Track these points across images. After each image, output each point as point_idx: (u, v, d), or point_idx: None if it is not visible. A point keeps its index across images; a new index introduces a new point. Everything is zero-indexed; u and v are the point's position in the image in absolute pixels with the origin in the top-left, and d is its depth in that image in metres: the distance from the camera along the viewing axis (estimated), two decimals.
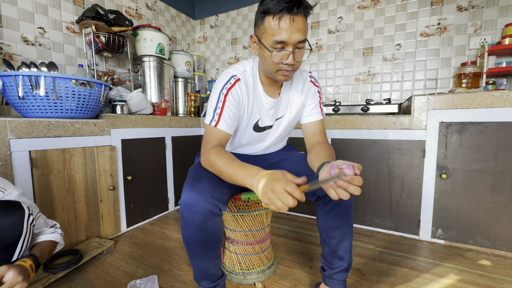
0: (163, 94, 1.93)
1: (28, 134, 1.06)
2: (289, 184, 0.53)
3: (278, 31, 0.67)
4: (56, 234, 0.90)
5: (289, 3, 0.64)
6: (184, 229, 0.70)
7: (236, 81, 0.78)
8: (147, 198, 1.64)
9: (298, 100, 0.89)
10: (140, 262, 1.17)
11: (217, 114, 0.76)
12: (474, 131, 1.22)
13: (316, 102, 0.90)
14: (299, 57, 0.72)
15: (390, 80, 1.93)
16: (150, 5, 2.20)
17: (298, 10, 0.65)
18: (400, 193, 1.41)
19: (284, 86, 0.87)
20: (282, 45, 0.68)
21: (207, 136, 0.77)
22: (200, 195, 0.65)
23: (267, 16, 0.67)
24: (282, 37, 0.67)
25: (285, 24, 0.66)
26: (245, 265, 1.03)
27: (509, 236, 1.20)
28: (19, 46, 1.40)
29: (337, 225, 0.80)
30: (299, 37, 0.67)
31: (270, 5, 0.66)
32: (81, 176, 1.24)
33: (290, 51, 0.69)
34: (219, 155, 0.70)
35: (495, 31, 1.61)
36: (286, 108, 0.90)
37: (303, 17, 0.68)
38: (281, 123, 0.92)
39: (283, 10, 0.64)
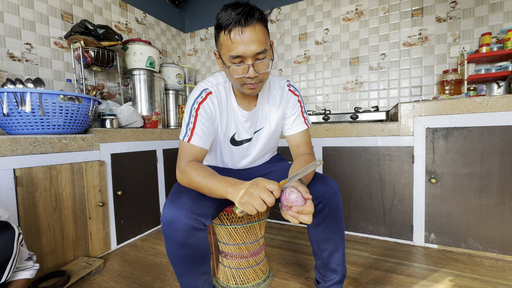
0: (154, 106, 1.92)
1: (13, 151, 1.03)
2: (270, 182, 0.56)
3: (232, 46, 0.64)
4: (32, 271, 0.85)
5: (238, 15, 0.61)
6: (167, 247, 0.68)
7: (207, 95, 0.76)
8: (138, 213, 1.60)
9: (277, 111, 0.86)
10: (131, 281, 1.13)
11: (189, 129, 0.75)
12: (459, 136, 1.26)
13: (298, 112, 0.86)
14: (261, 68, 0.68)
15: (377, 88, 1.99)
16: (140, 19, 2.22)
17: (251, 20, 0.62)
18: (392, 199, 1.42)
19: (261, 98, 0.84)
20: (240, 59, 0.65)
21: (181, 152, 0.75)
22: (179, 211, 0.63)
23: (221, 31, 0.65)
24: (237, 51, 0.64)
25: (238, 37, 0.62)
26: (240, 280, 1.00)
27: (499, 238, 1.22)
28: (5, 62, 1.38)
29: (328, 237, 0.79)
30: (256, 49, 0.64)
31: (222, 19, 0.63)
32: (68, 193, 1.21)
33: (249, 64, 0.66)
34: (195, 170, 0.68)
35: (473, 40, 1.69)
36: (264, 120, 0.87)
37: (260, 25, 0.64)
38: (261, 136, 0.89)
39: (234, 23, 0.61)
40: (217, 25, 0.66)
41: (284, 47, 2.28)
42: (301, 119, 0.86)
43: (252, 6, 0.64)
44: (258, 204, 0.54)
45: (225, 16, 0.63)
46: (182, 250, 0.66)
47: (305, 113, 0.88)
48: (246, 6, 0.63)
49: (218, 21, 0.65)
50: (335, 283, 0.82)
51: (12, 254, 0.72)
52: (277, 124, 0.88)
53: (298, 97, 0.87)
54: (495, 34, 1.63)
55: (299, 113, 0.86)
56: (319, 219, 0.77)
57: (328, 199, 0.75)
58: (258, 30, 0.63)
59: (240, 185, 0.59)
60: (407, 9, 1.84)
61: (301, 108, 0.87)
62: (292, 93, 0.86)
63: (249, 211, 0.55)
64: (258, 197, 0.54)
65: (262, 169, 0.95)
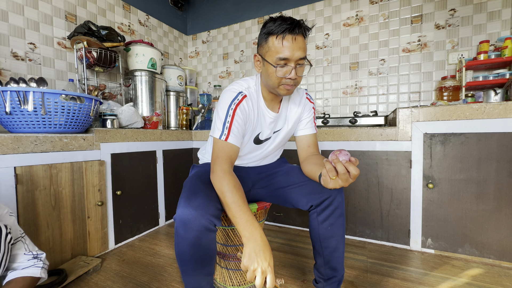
0: (155, 107, 1.93)
1: (14, 149, 1.04)
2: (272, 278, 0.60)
3: (281, 49, 0.73)
4: (33, 269, 0.81)
5: (290, 25, 0.72)
6: (178, 245, 0.69)
7: (243, 98, 0.82)
8: (136, 213, 1.61)
9: (295, 114, 0.94)
10: (128, 280, 1.13)
11: (226, 128, 0.79)
12: (456, 142, 1.27)
13: (311, 117, 0.96)
14: (300, 72, 0.78)
15: (376, 93, 2.00)
16: (143, 21, 2.25)
17: (299, 30, 0.73)
18: (390, 203, 1.43)
19: (283, 101, 0.93)
20: (285, 61, 0.74)
21: (218, 151, 0.79)
22: (196, 211, 0.65)
23: (271, 37, 0.74)
24: (285, 54, 0.73)
25: (287, 42, 0.73)
26: (237, 281, 1.01)
27: (495, 244, 1.22)
28: (8, 61, 1.39)
29: (330, 234, 0.82)
30: (300, 54, 0.74)
31: (273, 27, 0.74)
32: (68, 192, 1.22)
33: (292, 66, 0.75)
34: (233, 189, 0.71)
35: (471, 47, 1.71)
36: (284, 121, 0.94)
37: (302, 37, 0.75)
38: (279, 135, 0.96)
39: (286, 31, 0.72)
40: (268, 32, 0.75)
41: None
42: (312, 124, 0.96)
43: (299, 20, 0.75)
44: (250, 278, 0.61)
45: (276, 25, 0.73)
46: (193, 249, 0.68)
47: (315, 120, 0.99)
48: (293, 20, 0.74)
49: (269, 28, 0.75)
50: (334, 282, 0.85)
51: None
52: (293, 126, 0.96)
53: (313, 105, 0.98)
54: (493, 42, 1.65)
55: (311, 118, 0.96)
56: (324, 215, 0.82)
57: (334, 197, 0.81)
58: (302, 40, 0.75)
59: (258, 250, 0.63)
60: (407, 16, 1.87)
61: (314, 114, 0.98)
62: (309, 100, 0.97)
63: (248, 278, 0.62)
64: (255, 276, 0.61)
65: (270, 169, 1.02)
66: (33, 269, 0.81)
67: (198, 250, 0.68)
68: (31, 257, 0.83)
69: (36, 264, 0.83)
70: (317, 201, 0.81)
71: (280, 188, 0.92)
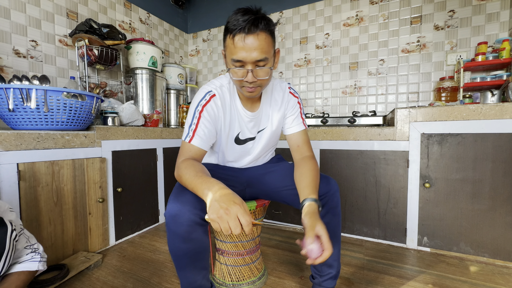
0: (155, 105, 1.95)
1: (17, 146, 1.05)
2: (245, 216, 0.55)
3: (235, 50, 0.67)
4: (31, 263, 0.84)
5: (244, 22, 0.64)
6: (169, 241, 0.70)
7: (211, 97, 0.79)
8: (137, 210, 1.62)
9: (279, 112, 0.90)
10: (129, 276, 1.15)
11: (191, 130, 0.78)
12: (453, 142, 1.29)
13: (297, 113, 0.91)
14: (261, 75, 0.71)
15: (375, 93, 2.02)
16: (144, 19, 2.25)
17: (254, 29, 0.64)
18: (387, 202, 1.45)
19: (264, 99, 0.88)
20: (241, 63, 0.68)
21: (181, 151, 0.79)
22: (183, 206, 0.66)
23: (228, 34, 0.68)
24: (239, 56, 0.67)
25: (240, 43, 0.65)
26: (235, 277, 1.03)
27: (490, 243, 1.25)
28: (10, 58, 1.40)
29: None
30: (257, 56, 0.66)
31: (230, 23, 0.67)
32: (69, 189, 1.23)
33: (248, 69, 0.69)
34: (186, 168, 0.70)
35: (469, 48, 1.73)
36: (267, 120, 0.91)
37: (264, 34, 0.66)
38: (263, 135, 0.93)
39: (239, 30, 0.64)
40: (225, 27, 0.69)
41: (285, 50, 2.31)
42: (299, 120, 0.90)
43: (260, 15, 0.66)
44: (225, 228, 0.55)
45: (233, 20, 0.66)
46: (184, 244, 0.69)
47: (303, 115, 0.93)
48: (254, 14, 0.65)
49: (227, 24, 0.68)
50: (330, 277, 0.86)
51: (4, 250, 0.73)
52: (278, 124, 0.92)
53: (298, 99, 0.92)
54: (491, 43, 1.66)
55: (298, 114, 0.90)
56: (320, 213, 0.81)
57: (329, 197, 0.81)
58: (262, 39, 0.66)
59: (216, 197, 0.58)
60: (406, 17, 1.88)
61: (300, 109, 0.91)
62: (292, 95, 0.91)
63: (214, 227, 0.56)
64: (227, 222, 0.54)
65: (263, 169, 0.98)
66: (30, 263, 0.84)
67: (189, 244, 0.69)
68: (30, 251, 0.85)
69: (33, 258, 0.85)
70: None
71: (275, 188, 0.91)
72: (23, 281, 0.82)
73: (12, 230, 0.75)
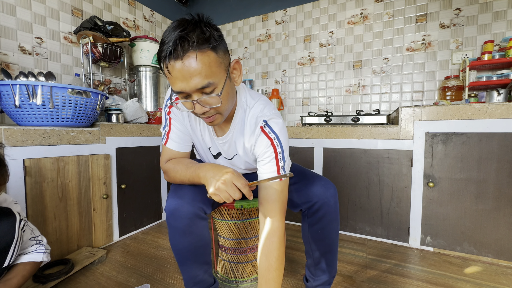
0: (159, 103, 1.95)
1: (23, 142, 1.06)
2: (240, 180, 0.58)
3: (171, 80, 0.55)
4: (36, 254, 0.85)
5: (170, 43, 0.51)
6: (170, 235, 0.71)
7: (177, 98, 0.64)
8: (140, 206, 1.64)
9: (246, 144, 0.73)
10: (133, 271, 1.16)
11: (166, 132, 0.75)
12: (457, 142, 1.28)
13: (270, 158, 0.68)
14: (211, 102, 0.58)
15: (379, 91, 2.01)
16: (148, 17, 2.26)
17: (186, 49, 0.50)
18: (390, 201, 1.45)
19: (234, 124, 0.72)
20: (184, 94, 0.56)
21: (162, 154, 0.78)
22: (182, 200, 0.67)
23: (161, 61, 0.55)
24: (177, 87, 0.55)
25: (174, 71, 0.53)
26: (238, 273, 1.03)
27: (493, 243, 1.24)
28: (16, 55, 1.41)
29: (321, 238, 0.79)
30: (197, 83, 0.53)
31: (159, 49, 0.54)
32: (74, 185, 1.24)
33: (193, 100, 0.57)
34: (174, 167, 0.71)
35: (475, 47, 1.71)
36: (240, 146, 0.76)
37: (201, 53, 0.52)
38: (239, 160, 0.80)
39: (167, 56, 0.52)
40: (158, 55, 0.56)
41: (289, 48, 2.31)
42: (272, 167, 0.68)
43: (191, 28, 0.52)
44: (225, 197, 0.58)
45: (163, 39, 0.53)
46: (185, 238, 0.69)
47: (282, 161, 0.68)
48: (184, 28, 0.51)
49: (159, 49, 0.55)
50: (324, 283, 0.83)
51: (13, 239, 0.75)
52: (248, 155, 0.77)
53: (273, 141, 0.68)
54: (498, 42, 1.64)
55: (271, 159, 0.68)
56: (314, 219, 0.78)
57: (323, 202, 0.75)
58: (200, 59, 0.52)
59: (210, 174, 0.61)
60: (412, 15, 1.86)
61: (275, 153, 0.68)
62: (265, 135, 0.68)
63: (217, 200, 0.59)
64: (225, 191, 0.57)
65: None
66: (35, 254, 0.86)
67: (190, 238, 0.70)
68: (34, 242, 0.87)
69: (38, 249, 0.87)
70: (306, 205, 0.77)
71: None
72: (29, 271, 0.84)
73: (20, 220, 0.78)
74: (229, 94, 0.62)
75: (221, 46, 0.57)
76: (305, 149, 1.65)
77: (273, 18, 2.36)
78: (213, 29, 0.55)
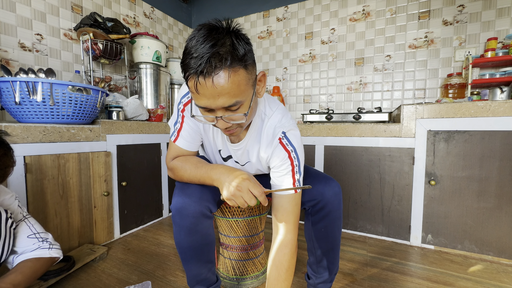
0: (159, 100, 1.95)
1: (23, 139, 1.06)
2: (257, 188, 0.58)
3: (196, 97, 0.53)
4: (39, 251, 0.83)
5: (200, 59, 0.47)
6: (176, 234, 0.71)
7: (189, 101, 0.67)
8: (141, 204, 1.64)
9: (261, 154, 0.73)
10: (134, 268, 1.17)
11: (177, 129, 0.73)
12: (460, 139, 1.27)
13: (286, 170, 0.68)
14: (235, 118, 0.57)
15: (380, 89, 2.00)
16: (148, 13, 2.24)
17: (217, 68, 0.48)
18: (391, 199, 1.44)
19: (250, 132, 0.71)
20: (207, 109, 0.55)
21: (169, 150, 0.76)
22: (190, 198, 0.67)
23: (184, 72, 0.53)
24: (202, 103, 0.53)
25: (201, 89, 0.50)
26: (239, 271, 1.03)
27: (495, 241, 1.24)
28: (16, 52, 1.41)
29: (324, 236, 0.79)
30: (224, 102, 0.52)
31: (186, 62, 0.50)
32: (75, 182, 1.24)
33: (218, 116, 0.55)
34: (182, 166, 0.70)
35: (479, 44, 1.69)
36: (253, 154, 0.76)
37: (232, 72, 0.49)
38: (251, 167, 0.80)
39: (194, 71, 0.49)
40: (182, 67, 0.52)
41: (290, 45, 2.29)
42: (288, 180, 0.68)
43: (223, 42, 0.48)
44: (241, 203, 0.59)
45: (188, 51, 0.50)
46: (190, 236, 0.69)
47: (298, 173, 0.69)
48: (216, 42, 0.48)
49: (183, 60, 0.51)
50: (326, 280, 0.84)
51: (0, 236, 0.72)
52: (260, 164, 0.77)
53: (290, 153, 0.68)
54: (501, 39, 1.63)
55: (287, 172, 0.68)
56: (318, 217, 0.78)
57: (328, 199, 0.75)
58: (231, 79, 0.49)
59: (226, 178, 0.60)
60: (414, 12, 1.85)
61: (292, 166, 0.68)
62: (283, 147, 0.68)
63: (231, 204, 0.60)
64: (241, 197, 0.58)
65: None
66: (39, 251, 0.83)
67: (195, 237, 0.70)
68: (36, 240, 0.84)
69: (42, 246, 0.84)
70: (310, 203, 0.77)
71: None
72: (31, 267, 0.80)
73: (7, 217, 0.75)
74: (253, 109, 0.62)
75: (251, 61, 0.54)
76: (306, 147, 1.65)
77: (274, 15, 2.34)
78: (244, 42, 0.52)
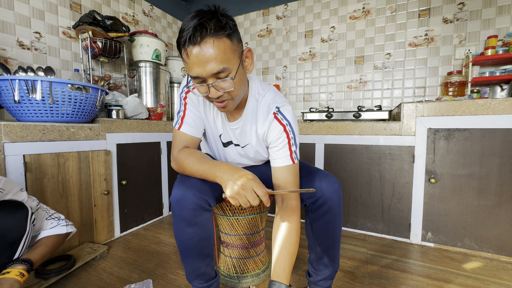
0: (159, 99, 1.94)
1: (23, 138, 1.05)
2: (261, 188, 0.59)
3: (188, 66, 0.60)
4: (59, 228, 0.92)
5: (190, 30, 0.55)
6: (175, 225, 0.72)
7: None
8: (141, 203, 1.63)
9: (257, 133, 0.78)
10: (134, 267, 1.17)
11: (180, 117, 0.77)
12: (460, 137, 1.27)
13: (283, 143, 0.73)
14: (225, 87, 0.62)
15: (380, 87, 2.00)
16: (147, 11, 2.23)
17: (203, 35, 0.55)
18: (391, 197, 1.45)
19: (246, 111, 0.77)
20: (200, 79, 0.61)
21: (174, 140, 0.78)
22: (189, 190, 0.67)
23: (179, 47, 0.60)
24: (194, 72, 0.59)
25: (192, 56, 0.57)
26: (240, 269, 1.03)
27: (494, 238, 1.24)
28: (14, 50, 1.40)
29: (325, 233, 0.79)
30: (213, 68, 0.58)
31: (178, 37, 0.59)
32: (75, 181, 1.24)
33: (208, 84, 0.61)
34: (186, 158, 0.71)
35: (479, 42, 1.69)
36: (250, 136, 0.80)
37: (219, 39, 0.56)
38: (250, 150, 0.83)
39: (187, 42, 0.56)
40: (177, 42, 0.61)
41: (290, 43, 2.29)
42: (286, 152, 0.73)
43: (208, 17, 0.57)
44: (243, 202, 0.59)
45: (182, 28, 0.58)
46: (189, 228, 0.70)
47: (294, 146, 0.74)
48: (202, 17, 0.56)
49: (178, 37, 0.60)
50: (326, 277, 0.84)
51: (25, 232, 0.77)
52: (259, 143, 0.81)
53: (285, 127, 0.73)
54: (502, 37, 1.63)
55: (284, 144, 0.73)
56: (318, 214, 0.78)
57: (328, 196, 0.75)
58: (216, 45, 0.56)
59: (230, 176, 0.61)
60: (415, 9, 1.84)
61: (288, 139, 0.73)
62: (278, 122, 0.73)
63: (234, 203, 0.61)
64: (244, 197, 0.59)
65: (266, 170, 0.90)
66: (59, 228, 0.93)
67: (194, 229, 0.70)
68: (53, 220, 0.94)
69: (60, 223, 0.94)
70: (310, 200, 0.78)
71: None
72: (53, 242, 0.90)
73: (31, 213, 0.81)
74: (242, 80, 0.66)
75: (236, 35, 0.61)
76: (306, 145, 1.65)
77: (274, 13, 2.33)
78: (228, 19, 0.60)
